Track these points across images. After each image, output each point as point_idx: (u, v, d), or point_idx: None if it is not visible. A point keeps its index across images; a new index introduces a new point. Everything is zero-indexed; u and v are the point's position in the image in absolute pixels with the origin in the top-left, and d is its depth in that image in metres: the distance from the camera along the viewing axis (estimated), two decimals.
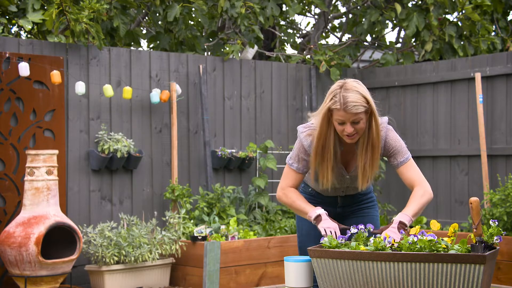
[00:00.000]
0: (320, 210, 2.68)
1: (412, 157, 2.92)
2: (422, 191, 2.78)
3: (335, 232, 2.59)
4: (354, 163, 2.80)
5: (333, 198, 2.92)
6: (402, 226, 2.57)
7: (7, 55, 5.52)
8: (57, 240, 5.22)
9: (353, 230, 2.46)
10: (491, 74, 6.71)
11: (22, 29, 7.44)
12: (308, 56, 7.80)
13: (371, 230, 2.53)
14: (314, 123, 2.77)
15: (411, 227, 2.66)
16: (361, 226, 2.48)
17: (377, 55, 9.91)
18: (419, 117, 7.36)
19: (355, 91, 2.63)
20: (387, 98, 7.61)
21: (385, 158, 2.88)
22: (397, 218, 2.61)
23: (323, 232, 2.57)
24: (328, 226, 2.60)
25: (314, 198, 2.89)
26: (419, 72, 7.33)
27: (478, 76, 6.53)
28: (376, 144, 2.71)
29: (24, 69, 5.45)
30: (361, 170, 2.72)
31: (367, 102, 2.66)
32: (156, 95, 6.20)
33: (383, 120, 2.80)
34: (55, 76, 5.57)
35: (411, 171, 2.82)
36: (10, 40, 5.67)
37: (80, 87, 5.73)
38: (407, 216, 2.64)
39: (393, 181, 7.58)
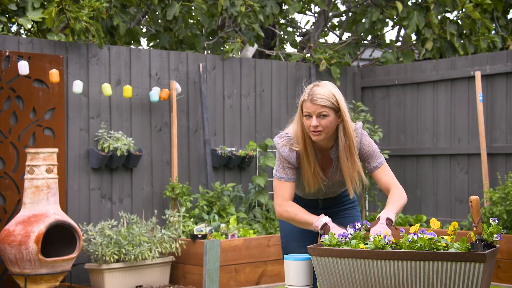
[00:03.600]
0: (325, 218, 2.67)
1: (412, 155, 2.94)
2: (400, 194, 2.82)
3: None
4: (330, 169, 2.83)
5: (314, 201, 2.98)
6: (389, 222, 2.59)
7: (7, 53, 5.52)
8: (57, 239, 5.22)
9: (350, 230, 2.46)
10: (491, 72, 6.71)
11: (22, 27, 7.44)
12: (308, 54, 7.80)
13: (368, 226, 2.55)
14: (288, 132, 2.80)
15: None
16: (358, 225, 2.48)
17: (377, 53, 9.91)
18: (419, 115, 7.36)
19: (326, 88, 2.68)
20: (387, 96, 7.61)
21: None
22: (383, 215, 2.63)
23: None
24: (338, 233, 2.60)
25: (296, 202, 2.91)
26: (419, 70, 7.33)
27: (478, 74, 6.53)
28: (353, 147, 2.73)
29: (23, 67, 5.45)
30: (348, 177, 2.74)
31: (336, 100, 2.67)
32: (155, 94, 6.20)
33: (357, 126, 2.82)
34: (54, 75, 5.57)
35: (386, 175, 2.84)
36: (10, 39, 5.67)
37: (77, 87, 5.73)
38: (392, 213, 2.66)
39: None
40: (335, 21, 9.62)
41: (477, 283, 2.13)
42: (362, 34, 8.14)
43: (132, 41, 7.66)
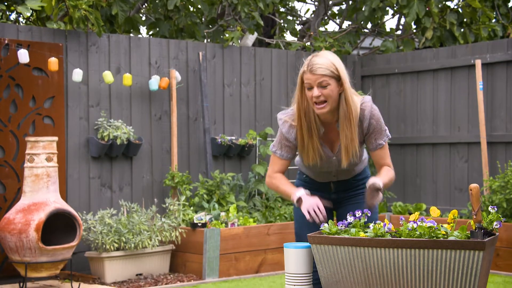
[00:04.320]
0: (300, 192, 2.65)
1: (412, 144, 2.94)
2: (391, 172, 2.86)
3: (318, 209, 2.57)
4: (337, 144, 2.76)
5: (326, 184, 2.89)
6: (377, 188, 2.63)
7: (6, 41, 5.51)
8: (57, 227, 5.23)
9: (349, 219, 2.45)
10: (492, 61, 6.69)
11: (21, 15, 7.41)
12: (308, 43, 7.78)
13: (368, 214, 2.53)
14: (293, 108, 2.76)
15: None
16: (359, 213, 2.47)
17: (377, 42, 9.88)
18: (419, 104, 7.35)
19: (325, 57, 2.66)
20: (387, 85, 7.60)
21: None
22: (371, 181, 2.63)
23: (307, 216, 2.55)
24: (309, 205, 2.56)
25: (308, 185, 2.88)
26: (419, 59, 7.31)
27: (478, 63, 6.52)
28: (352, 116, 2.69)
29: (23, 55, 5.44)
30: (344, 147, 2.69)
31: (336, 69, 2.65)
32: (155, 83, 6.18)
33: (366, 99, 2.80)
34: (53, 63, 5.56)
35: (385, 155, 2.86)
36: (9, 27, 5.65)
37: (77, 75, 5.72)
38: (380, 181, 2.66)
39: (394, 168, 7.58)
40: (335, 9, 9.59)
41: (476, 271, 2.13)
42: (362, 22, 8.12)
43: (132, 30, 7.64)
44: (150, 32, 7.94)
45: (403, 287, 2.23)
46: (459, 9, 7.86)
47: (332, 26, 25.73)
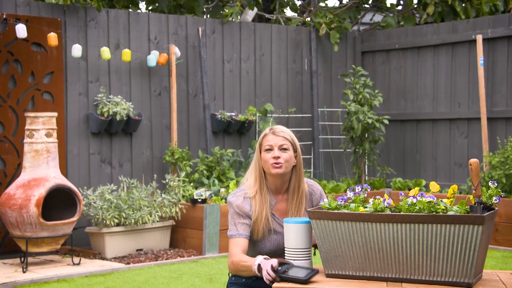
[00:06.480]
0: (259, 259, 2.50)
1: (412, 120, 2.92)
2: None
3: (272, 266, 2.42)
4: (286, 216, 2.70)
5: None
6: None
7: (4, 16, 5.47)
8: (58, 203, 5.24)
9: (349, 193, 2.44)
10: (493, 36, 6.66)
11: None
12: (308, 18, 7.73)
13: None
14: (243, 188, 2.70)
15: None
16: (358, 189, 2.46)
17: (378, 17, 9.82)
18: (419, 80, 7.32)
19: (284, 127, 2.73)
20: (387, 61, 7.57)
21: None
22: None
23: (266, 277, 2.39)
24: (266, 267, 2.43)
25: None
26: (420, 34, 7.27)
27: (479, 38, 6.48)
28: (303, 189, 2.68)
29: (22, 30, 5.40)
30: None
31: (294, 141, 2.70)
32: (153, 59, 6.15)
33: (307, 179, 2.78)
34: (52, 38, 5.52)
35: None
36: (7, 1, 5.61)
37: (76, 50, 5.69)
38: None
39: (392, 145, 7.59)
40: None
41: (475, 246, 2.14)
42: None
43: (131, 5, 7.59)
44: (149, 8, 7.89)
45: (402, 262, 2.23)
46: None
47: (332, 1, 25.53)
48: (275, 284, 2.30)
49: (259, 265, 2.44)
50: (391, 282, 2.26)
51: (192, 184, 6.13)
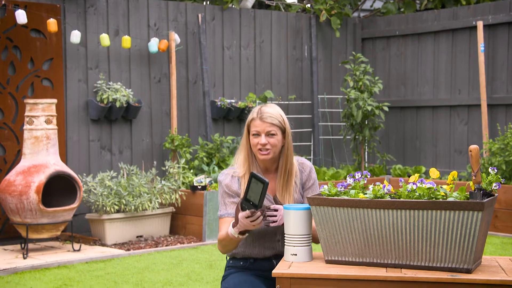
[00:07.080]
0: (228, 223, 2.54)
1: (412, 107, 2.91)
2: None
3: (240, 214, 2.44)
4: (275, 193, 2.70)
5: (268, 260, 2.68)
6: None
7: (3, 2, 5.45)
8: (58, 189, 5.25)
9: (349, 180, 2.44)
10: (494, 22, 6.63)
11: None
12: (308, 5, 7.70)
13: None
14: (233, 165, 2.71)
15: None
16: (358, 175, 2.46)
17: (378, 4, 9.78)
18: (419, 66, 7.31)
19: (274, 108, 2.69)
20: (387, 47, 7.55)
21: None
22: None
23: (248, 222, 2.39)
24: (239, 219, 2.43)
25: (251, 266, 2.68)
26: (420, 21, 7.25)
27: (480, 24, 6.46)
28: (292, 168, 2.68)
29: (21, 16, 5.38)
30: (280, 196, 2.65)
31: (283, 121, 2.66)
32: (154, 45, 6.14)
33: (303, 160, 2.76)
34: (51, 24, 5.50)
35: None
36: None
37: (75, 37, 5.67)
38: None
39: (392, 132, 7.58)
40: None
41: (475, 232, 2.14)
42: None
43: None
44: None
45: (402, 248, 2.24)
46: None
47: None
48: (274, 270, 2.31)
49: (232, 225, 2.48)
50: (390, 268, 2.27)
51: (192, 171, 6.14)
